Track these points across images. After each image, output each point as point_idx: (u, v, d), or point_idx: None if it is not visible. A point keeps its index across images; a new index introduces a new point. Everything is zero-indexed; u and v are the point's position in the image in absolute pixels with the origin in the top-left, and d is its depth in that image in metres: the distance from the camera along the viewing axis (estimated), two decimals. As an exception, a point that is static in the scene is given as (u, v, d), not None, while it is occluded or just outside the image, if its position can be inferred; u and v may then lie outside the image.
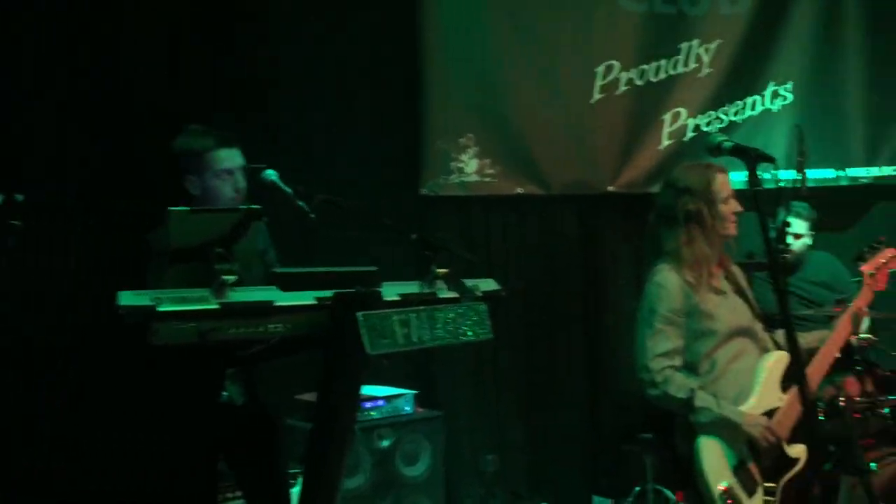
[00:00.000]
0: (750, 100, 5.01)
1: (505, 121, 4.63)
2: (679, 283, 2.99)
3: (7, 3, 3.49)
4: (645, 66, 4.82)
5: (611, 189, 4.85)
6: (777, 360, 3.03)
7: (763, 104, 5.03)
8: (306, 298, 2.07)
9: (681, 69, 4.88)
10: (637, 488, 4.33)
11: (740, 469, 2.92)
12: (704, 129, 4.89)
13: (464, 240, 4.61)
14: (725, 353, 3.01)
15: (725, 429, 2.90)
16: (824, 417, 3.39)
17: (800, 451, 2.97)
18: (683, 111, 4.90)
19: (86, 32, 3.64)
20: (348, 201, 2.66)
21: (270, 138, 3.92)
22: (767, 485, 2.93)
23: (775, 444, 2.92)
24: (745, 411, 2.93)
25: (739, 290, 3.12)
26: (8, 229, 2.49)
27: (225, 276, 1.97)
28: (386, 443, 3.80)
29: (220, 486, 3.06)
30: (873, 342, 3.57)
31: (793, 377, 2.81)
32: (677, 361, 2.99)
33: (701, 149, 2.80)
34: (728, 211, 3.02)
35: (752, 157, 2.43)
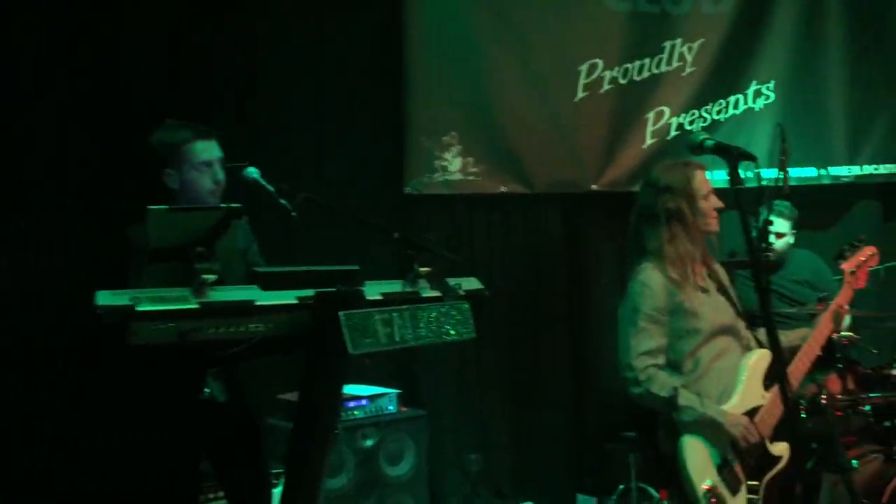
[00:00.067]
0: (733, 98, 5.02)
1: (489, 119, 4.63)
2: (663, 281, 2.99)
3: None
4: (628, 65, 4.82)
5: (594, 188, 4.85)
6: (759, 359, 3.04)
7: (746, 103, 5.04)
8: (287, 298, 2.06)
9: (664, 68, 4.88)
10: (621, 487, 4.34)
11: (724, 467, 2.92)
12: (688, 127, 4.90)
13: (448, 239, 4.60)
14: (709, 351, 3.01)
15: (709, 428, 2.91)
16: (806, 415, 3.40)
17: (782, 449, 2.98)
18: (667, 110, 4.90)
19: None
20: (331, 200, 2.65)
21: (253, 136, 3.90)
22: (751, 483, 2.94)
23: (756, 444, 2.93)
24: (728, 411, 2.93)
25: (722, 288, 3.12)
26: None
27: (205, 276, 1.95)
28: (369, 442, 3.78)
29: (203, 487, 3.05)
30: (855, 340, 3.58)
31: (774, 375, 2.82)
32: (661, 360, 2.99)
33: (684, 147, 2.80)
34: (709, 207, 3.03)
35: (733, 156, 2.43)
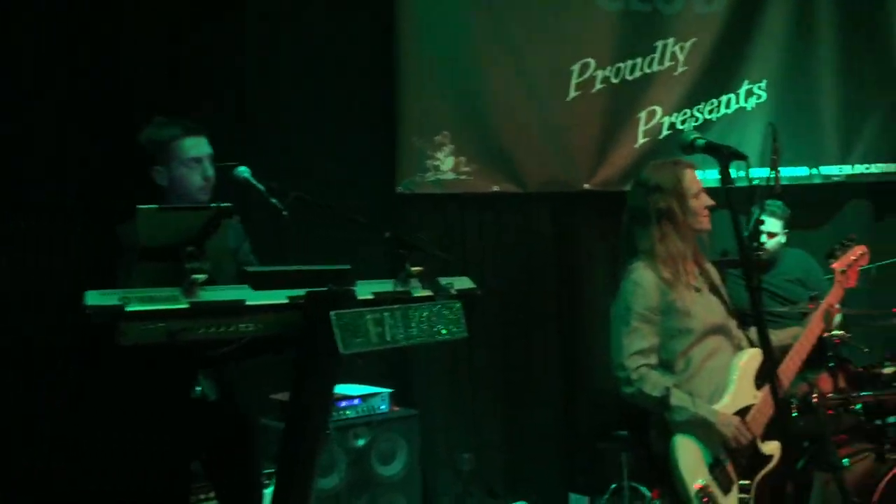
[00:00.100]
0: (725, 98, 5.03)
1: (481, 119, 4.62)
2: (655, 280, 2.99)
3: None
4: (620, 65, 4.82)
5: (587, 187, 4.84)
6: (751, 358, 3.04)
7: (737, 102, 5.05)
8: (278, 297, 2.05)
9: (656, 67, 4.88)
10: (613, 486, 4.34)
11: (716, 467, 2.92)
12: (679, 127, 4.90)
13: (440, 238, 4.59)
14: (700, 350, 3.01)
15: (700, 427, 2.91)
16: (798, 414, 3.41)
17: (774, 448, 2.99)
18: (659, 109, 4.90)
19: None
20: (321, 199, 2.64)
21: (245, 136, 3.89)
22: (742, 482, 2.94)
23: (748, 443, 2.93)
24: (719, 410, 2.94)
25: (714, 287, 3.12)
26: None
27: (195, 275, 1.94)
28: (361, 442, 3.77)
29: (194, 488, 3.04)
30: (846, 339, 3.59)
31: (766, 375, 2.82)
32: (653, 360, 2.99)
33: (675, 147, 2.80)
34: (699, 205, 3.03)
35: (724, 155, 2.43)
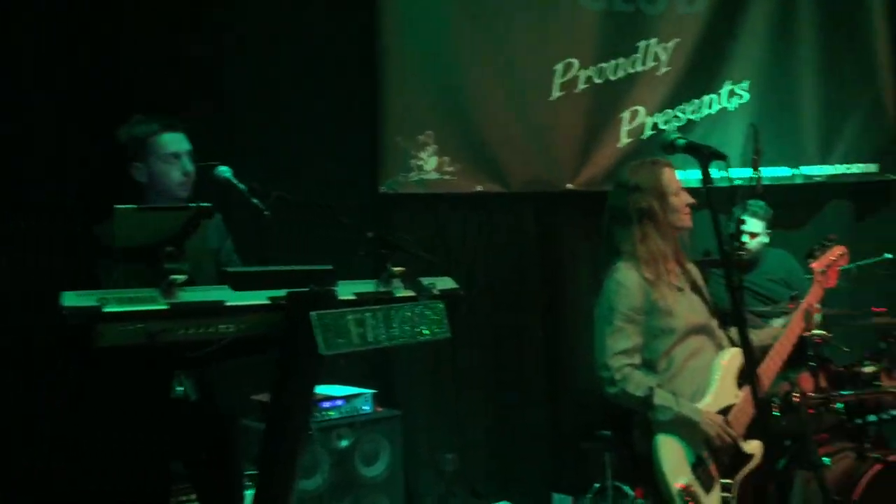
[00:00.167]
0: (707, 98, 5.05)
1: (464, 118, 4.62)
2: (638, 280, 2.99)
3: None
4: (604, 65, 4.83)
5: (570, 187, 4.85)
6: (732, 357, 3.05)
7: (720, 103, 5.07)
8: (259, 298, 2.04)
9: (639, 68, 4.90)
10: (596, 485, 4.35)
11: (698, 466, 2.93)
12: (662, 127, 4.91)
13: (426, 238, 4.58)
14: (683, 350, 3.02)
15: (684, 427, 2.91)
16: (779, 413, 3.42)
17: (755, 447, 2.99)
18: (642, 109, 4.92)
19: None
20: (303, 198, 2.62)
21: (228, 135, 3.87)
22: (724, 481, 2.95)
23: (730, 442, 2.94)
24: (703, 409, 2.95)
25: (696, 287, 3.13)
26: None
27: (174, 276, 1.93)
28: (345, 443, 3.77)
29: (175, 489, 3.02)
30: (827, 338, 3.61)
31: (747, 374, 2.83)
32: (636, 359, 2.99)
33: (657, 147, 2.81)
34: (680, 203, 3.04)
35: (704, 155, 2.44)
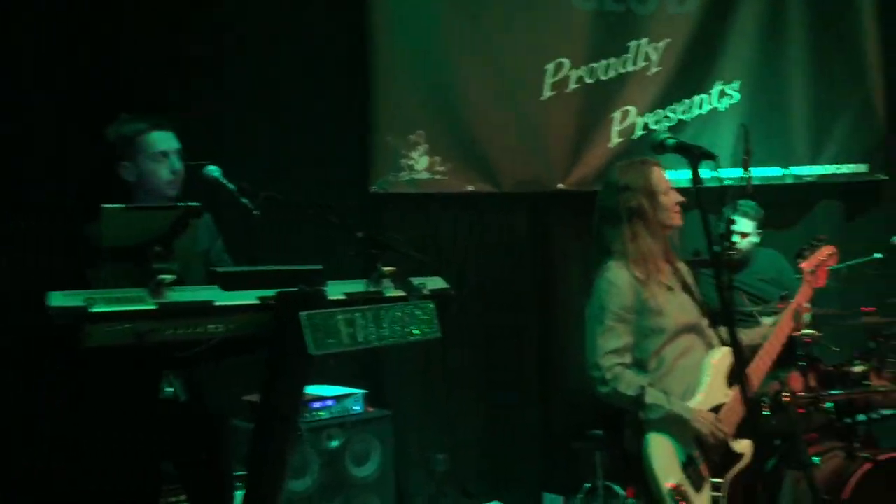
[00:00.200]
0: (698, 98, 5.05)
1: (455, 118, 4.61)
2: (629, 279, 3.00)
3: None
4: (595, 65, 4.83)
5: (561, 187, 4.85)
6: (723, 357, 3.06)
7: (710, 103, 5.07)
8: (248, 298, 2.03)
9: (630, 68, 4.90)
10: (587, 485, 4.35)
11: (689, 465, 2.94)
12: (653, 127, 4.91)
13: (417, 238, 4.58)
14: (673, 349, 3.02)
15: (675, 425, 2.92)
16: (769, 413, 3.43)
17: (745, 447, 3.00)
18: (633, 109, 4.92)
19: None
20: (293, 198, 2.61)
21: (217, 134, 3.86)
22: (714, 480, 2.96)
23: (723, 439, 2.95)
24: (694, 408, 2.95)
25: (686, 286, 3.14)
26: None
27: (162, 276, 1.92)
28: (335, 443, 3.75)
29: (165, 489, 3.00)
30: (816, 338, 3.62)
31: (735, 374, 2.84)
32: (627, 359, 2.99)
33: (648, 147, 2.81)
34: (670, 202, 3.04)
35: (694, 155, 2.45)
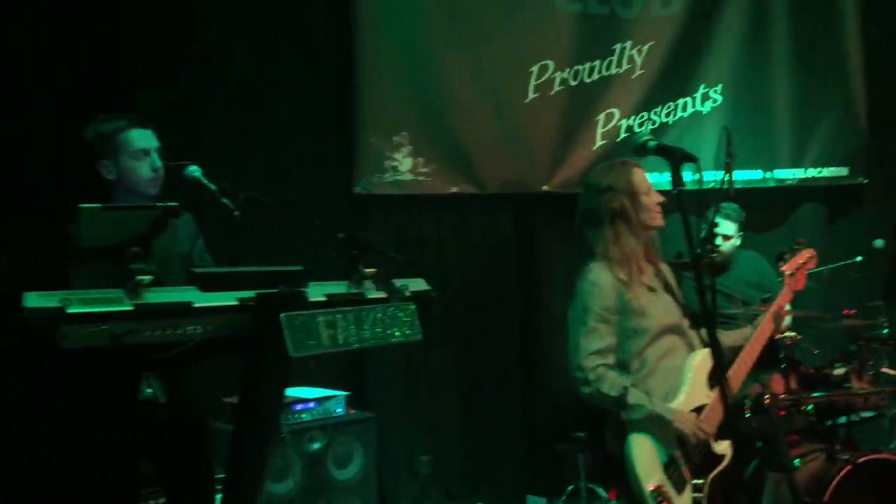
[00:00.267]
0: (681, 101, 5.07)
1: (440, 119, 4.61)
2: (612, 280, 2.99)
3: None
4: (579, 67, 4.84)
5: (545, 189, 4.86)
6: (704, 358, 3.06)
7: (694, 106, 5.10)
8: (228, 299, 2.01)
9: (614, 70, 4.92)
10: (570, 487, 4.35)
11: (670, 466, 2.94)
12: (637, 130, 4.94)
13: (400, 239, 4.57)
14: (655, 350, 3.02)
15: (657, 426, 2.92)
16: (751, 415, 3.44)
17: (726, 448, 3.01)
18: (617, 112, 4.93)
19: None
20: (274, 199, 2.60)
21: (201, 134, 3.84)
22: (696, 481, 2.96)
23: (704, 440, 2.95)
24: (676, 408, 2.96)
25: (668, 287, 3.14)
26: None
27: (140, 277, 1.90)
28: (317, 445, 3.74)
29: (145, 492, 2.98)
30: (797, 340, 3.64)
31: (715, 377, 2.85)
32: (610, 359, 2.99)
33: (629, 149, 2.81)
34: (651, 202, 3.04)
35: (675, 157, 2.45)
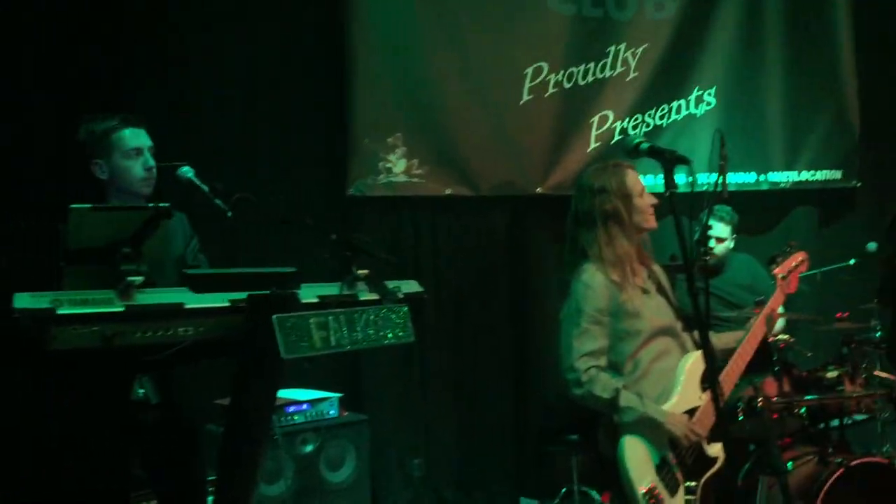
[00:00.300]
0: (675, 104, 5.08)
1: (434, 121, 4.61)
2: (605, 282, 2.99)
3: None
4: (573, 69, 4.84)
5: (539, 191, 4.86)
6: (697, 360, 3.06)
7: (688, 108, 5.10)
8: (219, 300, 2.01)
9: (608, 73, 4.91)
10: (563, 489, 4.35)
11: (663, 468, 2.94)
12: (631, 132, 4.94)
13: (394, 241, 4.56)
14: (649, 352, 3.02)
15: (649, 428, 2.92)
16: (743, 417, 3.44)
17: (719, 450, 3.01)
18: (611, 114, 4.93)
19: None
20: (267, 199, 2.60)
21: (194, 135, 3.84)
22: (688, 484, 2.96)
23: (697, 442, 2.95)
24: (668, 410, 2.96)
25: (662, 289, 3.14)
26: None
27: (131, 278, 1.89)
28: (309, 448, 3.73)
29: (136, 494, 2.97)
30: (790, 343, 3.65)
31: (707, 380, 2.85)
32: (602, 361, 2.99)
33: (622, 151, 2.81)
34: (644, 204, 3.04)
35: (668, 160, 2.45)
